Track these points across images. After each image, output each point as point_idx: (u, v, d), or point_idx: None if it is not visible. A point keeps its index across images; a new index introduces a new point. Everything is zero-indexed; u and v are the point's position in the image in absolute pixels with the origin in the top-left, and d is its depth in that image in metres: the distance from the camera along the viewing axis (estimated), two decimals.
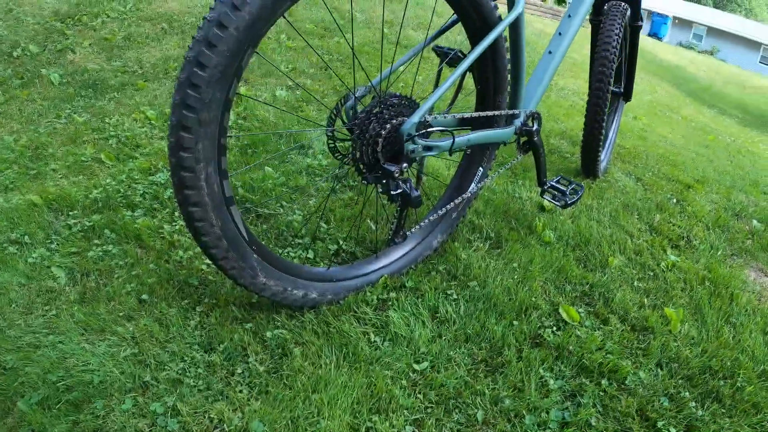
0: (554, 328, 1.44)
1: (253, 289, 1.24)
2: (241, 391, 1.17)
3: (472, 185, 1.65)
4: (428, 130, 1.28)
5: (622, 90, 2.57)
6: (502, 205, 2.01)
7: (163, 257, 1.57)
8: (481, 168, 1.66)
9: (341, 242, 1.65)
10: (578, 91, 4.42)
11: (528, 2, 11.62)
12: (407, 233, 1.39)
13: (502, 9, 1.49)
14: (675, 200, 2.50)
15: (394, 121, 1.23)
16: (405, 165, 1.24)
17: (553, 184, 1.82)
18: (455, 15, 1.45)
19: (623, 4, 2.26)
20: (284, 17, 1.11)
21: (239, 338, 1.30)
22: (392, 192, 1.21)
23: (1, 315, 1.36)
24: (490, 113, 1.51)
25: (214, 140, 1.03)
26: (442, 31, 1.57)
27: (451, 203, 1.53)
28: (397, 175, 1.20)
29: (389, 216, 1.82)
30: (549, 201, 1.79)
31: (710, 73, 15.18)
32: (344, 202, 1.89)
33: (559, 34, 1.87)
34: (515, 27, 1.46)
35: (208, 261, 1.53)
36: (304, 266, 1.38)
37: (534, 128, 1.70)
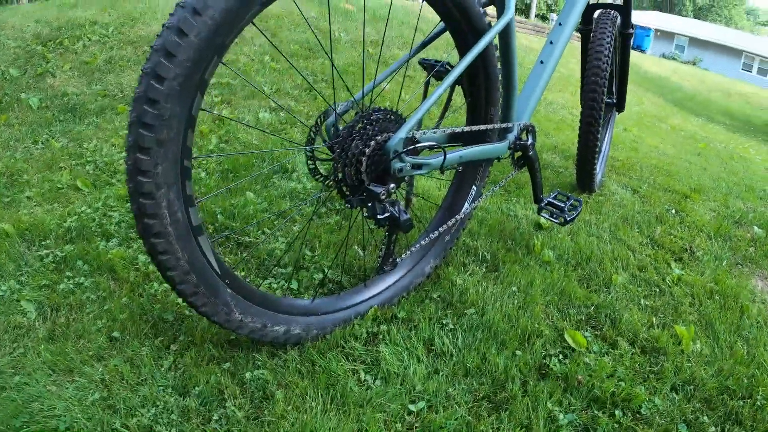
0: (560, 356, 1.31)
1: (229, 326, 1.10)
2: None
3: (466, 205, 1.52)
4: (417, 146, 1.16)
5: (615, 100, 2.46)
6: (497, 224, 1.89)
7: (137, 290, 1.44)
8: (474, 187, 1.54)
9: (327, 271, 1.52)
10: (566, 104, 4.34)
11: None
12: (397, 260, 1.26)
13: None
14: (674, 211, 2.39)
15: (379, 137, 1.11)
16: (392, 186, 1.11)
17: (551, 200, 1.70)
18: (442, 24, 1.34)
19: (613, 11, 2.16)
20: (269, 39, 0.99)
21: (216, 380, 1.16)
22: (379, 216, 1.08)
23: None
24: (482, 127, 1.39)
25: (175, 162, 0.90)
26: (428, 42, 1.45)
27: (444, 225, 1.40)
28: (383, 197, 1.08)
29: (378, 241, 1.69)
30: (547, 219, 1.66)
31: (694, 82, 15.26)
32: (330, 227, 1.76)
33: (551, 42, 1.75)
34: (506, 34, 1.35)
35: None
36: (285, 299, 1.25)
37: (529, 142, 1.59)
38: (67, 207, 1.88)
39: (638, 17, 26.86)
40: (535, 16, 13.36)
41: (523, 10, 15.43)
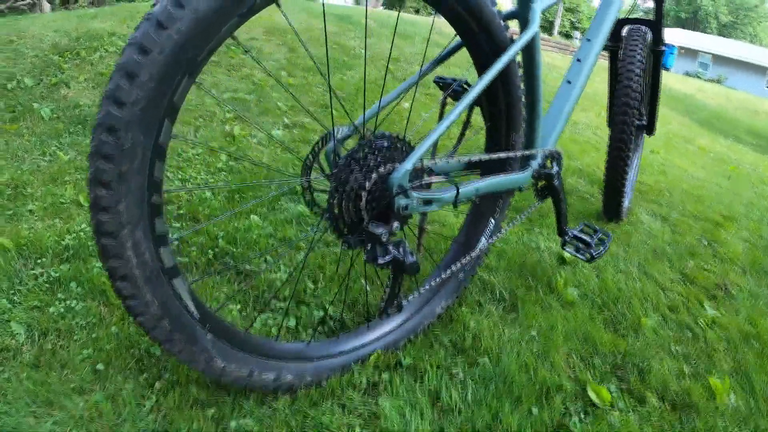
0: (582, 414, 1.15)
1: (210, 374, 0.98)
2: None
3: (482, 240, 1.36)
4: (425, 181, 1.01)
5: (645, 123, 2.28)
6: (517, 258, 1.72)
7: (127, 319, 1.32)
8: (492, 220, 1.38)
9: (328, 308, 1.37)
10: (591, 125, 4.14)
11: None
12: (403, 303, 1.10)
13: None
14: (706, 242, 2.21)
15: (382, 169, 0.96)
16: (396, 225, 0.96)
17: (576, 233, 1.52)
18: (458, 38, 1.19)
19: (643, 27, 1.99)
20: (248, 50, 0.86)
21: (198, 428, 1.03)
22: (380, 260, 0.93)
23: None
24: (502, 155, 1.24)
25: (141, 198, 0.77)
26: (442, 59, 1.30)
27: (458, 263, 1.25)
28: (384, 239, 0.93)
29: (387, 274, 1.54)
30: (572, 254, 1.49)
31: (720, 100, 14.84)
32: (336, 256, 1.61)
33: (578, 60, 1.58)
34: (530, 51, 1.20)
35: None
36: (276, 342, 1.11)
37: (554, 170, 1.42)
38: (68, 223, 1.78)
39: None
40: (558, 33, 13.11)
41: (547, 27, 15.20)
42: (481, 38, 1.11)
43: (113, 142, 0.72)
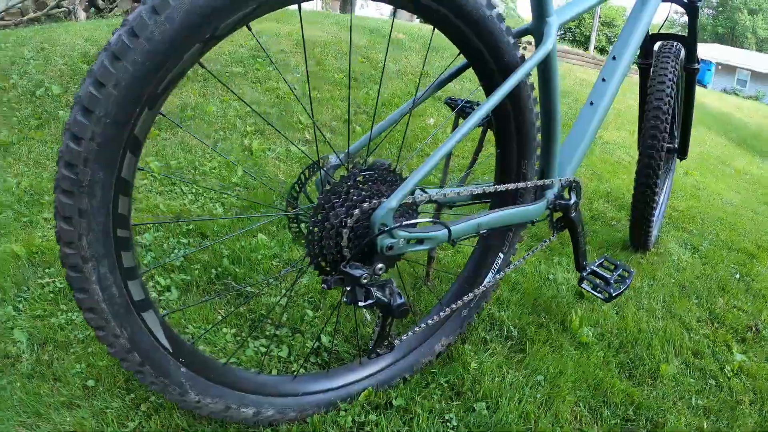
0: None
1: (185, 407, 0.93)
2: None
3: (489, 276, 1.23)
4: (411, 221, 0.90)
5: (676, 146, 2.11)
6: (532, 291, 1.58)
7: None
8: (501, 255, 1.25)
9: (322, 338, 1.28)
10: (624, 144, 3.93)
11: (569, 52, 10.64)
12: (395, 342, 1.00)
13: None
14: (738, 275, 2.02)
15: (366, 204, 0.87)
16: (380, 266, 0.87)
17: (595, 268, 1.38)
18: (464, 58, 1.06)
19: (676, 43, 1.83)
20: (215, 76, 0.78)
21: None
22: (360, 303, 0.83)
23: None
24: (510, 186, 1.12)
25: (105, 233, 0.73)
26: (443, 82, 1.18)
27: (461, 300, 1.13)
28: (365, 281, 0.83)
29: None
30: (589, 291, 1.35)
31: (758, 118, 14.15)
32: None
33: (603, 80, 1.42)
34: (545, 70, 1.07)
35: None
36: (258, 376, 1.03)
37: (571, 201, 1.29)
38: None
39: (699, 50, 25.49)
40: (594, 48, 12.73)
41: (582, 41, 14.77)
42: (485, 57, 0.99)
43: (72, 178, 0.68)
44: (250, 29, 0.75)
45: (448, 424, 1.07)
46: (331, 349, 1.25)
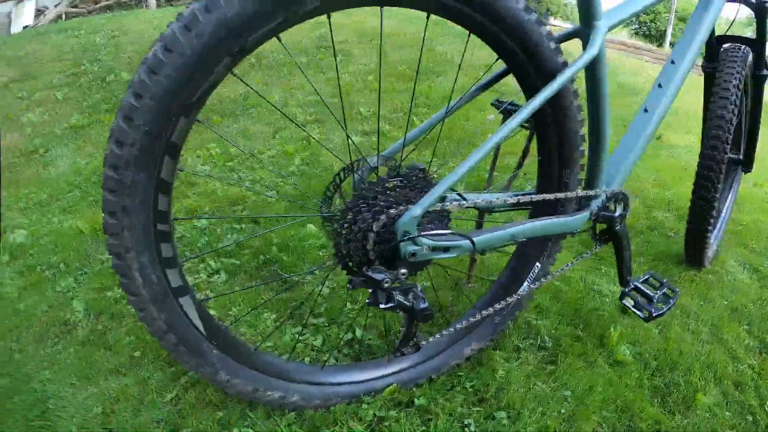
0: None
1: (216, 384, 1.00)
2: None
3: (525, 285, 1.22)
4: (435, 233, 0.90)
5: (741, 157, 1.96)
6: (574, 300, 1.53)
7: None
8: (538, 264, 1.23)
9: (358, 330, 1.32)
10: (692, 148, 3.67)
11: (641, 48, 9.84)
12: (422, 343, 1.01)
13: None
14: None
15: (392, 210, 0.88)
16: (403, 272, 0.88)
17: (639, 285, 1.33)
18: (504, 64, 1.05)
19: (744, 47, 1.68)
20: (250, 86, 0.82)
21: (203, 429, 1.06)
22: (382, 306, 0.86)
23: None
24: (549, 196, 1.09)
25: (146, 228, 0.80)
26: (484, 86, 1.16)
27: (494, 306, 1.12)
28: (386, 285, 0.85)
29: (437, 295, 1.45)
30: (629, 308, 1.30)
31: None
32: None
33: (659, 86, 1.34)
34: (593, 75, 1.03)
35: None
36: (287, 364, 1.09)
37: (617, 214, 1.24)
38: None
39: None
40: (670, 44, 11.87)
41: (657, 37, 13.75)
42: (525, 63, 0.97)
43: (116, 179, 0.75)
44: (279, 40, 0.79)
45: (467, 429, 1.08)
46: (364, 342, 1.28)
